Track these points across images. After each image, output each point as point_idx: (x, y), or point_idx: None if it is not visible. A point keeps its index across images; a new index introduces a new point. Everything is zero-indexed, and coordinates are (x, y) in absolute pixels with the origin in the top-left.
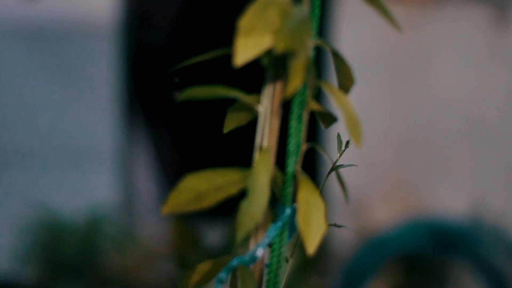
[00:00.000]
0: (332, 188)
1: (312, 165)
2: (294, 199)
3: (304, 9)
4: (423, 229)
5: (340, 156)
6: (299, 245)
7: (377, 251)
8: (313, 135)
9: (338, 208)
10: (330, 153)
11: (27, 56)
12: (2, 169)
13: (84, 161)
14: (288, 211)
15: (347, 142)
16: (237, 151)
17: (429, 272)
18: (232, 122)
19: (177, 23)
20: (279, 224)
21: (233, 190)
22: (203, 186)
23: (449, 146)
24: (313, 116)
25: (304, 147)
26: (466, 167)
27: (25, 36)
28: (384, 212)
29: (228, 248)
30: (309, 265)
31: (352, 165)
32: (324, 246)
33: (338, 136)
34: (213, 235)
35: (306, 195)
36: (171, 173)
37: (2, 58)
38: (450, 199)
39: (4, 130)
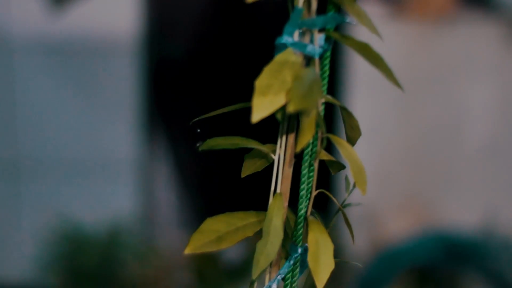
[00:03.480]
0: (347, 201)
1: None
2: (305, 239)
3: (314, 70)
4: (436, 242)
5: (348, 196)
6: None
7: (390, 262)
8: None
9: (352, 221)
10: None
11: (50, 70)
12: (25, 180)
13: (106, 172)
14: (299, 250)
15: (354, 184)
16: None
17: (441, 284)
18: (249, 167)
19: (197, 38)
20: (292, 262)
21: (250, 232)
22: (223, 228)
23: (462, 160)
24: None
25: (314, 192)
26: (478, 180)
27: (49, 51)
28: (397, 224)
29: (246, 265)
30: None
31: (358, 204)
32: (337, 257)
33: (346, 178)
34: (231, 251)
35: (316, 236)
36: (191, 184)
37: (26, 72)
38: (462, 212)
39: (28, 142)
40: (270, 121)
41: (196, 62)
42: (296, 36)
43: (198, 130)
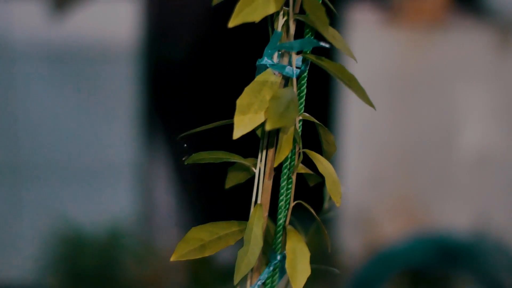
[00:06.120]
0: (341, 204)
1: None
2: (284, 247)
3: (292, 90)
4: (429, 244)
5: (326, 207)
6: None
7: (384, 265)
8: None
9: (346, 223)
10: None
11: (50, 76)
12: (26, 182)
13: (105, 175)
14: (279, 257)
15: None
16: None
17: (434, 286)
18: (232, 179)
19: (196, 43)
20: (271, 268)
21: (232, 241)
22: (206, 237)
23: (455, 164)
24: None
25: (292, 203)
26: (471, 184)
27: (49, 57)
28: (391, 226)
29: None
30: (316, 279)
31: (335, 216)
32: (332, 259)
33: (324, 190)
34: (226, 254)
35: (294, 244)
36: (190, 187)
37: (27, 78)
38: (456, 215)
39: (29, 145)
40: (252, 135)
41: (194, 67)
42: (275, 57)
43: (185, 145)
